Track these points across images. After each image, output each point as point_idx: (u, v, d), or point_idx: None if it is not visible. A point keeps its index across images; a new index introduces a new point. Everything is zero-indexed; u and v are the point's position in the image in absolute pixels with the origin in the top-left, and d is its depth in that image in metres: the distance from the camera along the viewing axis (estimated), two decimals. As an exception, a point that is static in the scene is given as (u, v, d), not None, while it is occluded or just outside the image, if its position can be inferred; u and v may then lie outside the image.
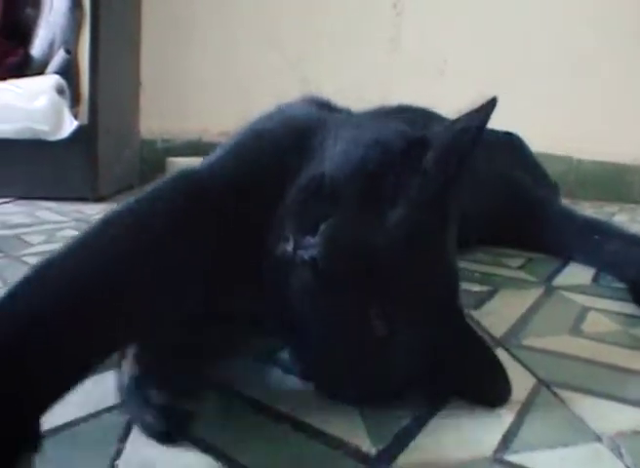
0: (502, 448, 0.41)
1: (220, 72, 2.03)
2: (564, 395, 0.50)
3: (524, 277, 0.92)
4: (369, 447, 0.41)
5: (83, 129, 1.48)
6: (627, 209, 1.94)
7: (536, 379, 0.53)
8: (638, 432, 0.44)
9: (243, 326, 0.55)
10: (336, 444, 0.41)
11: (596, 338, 0.64)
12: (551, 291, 0.83)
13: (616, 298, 0.81)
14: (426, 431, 0.43)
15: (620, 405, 0.49)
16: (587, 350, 0.60)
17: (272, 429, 0.43)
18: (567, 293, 0.82)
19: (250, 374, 0.52)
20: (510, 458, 0.40)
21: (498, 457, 0.40)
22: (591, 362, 0.57)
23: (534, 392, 0.50)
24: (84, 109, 1.52)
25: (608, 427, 0.44)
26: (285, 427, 0.43)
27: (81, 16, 1.51)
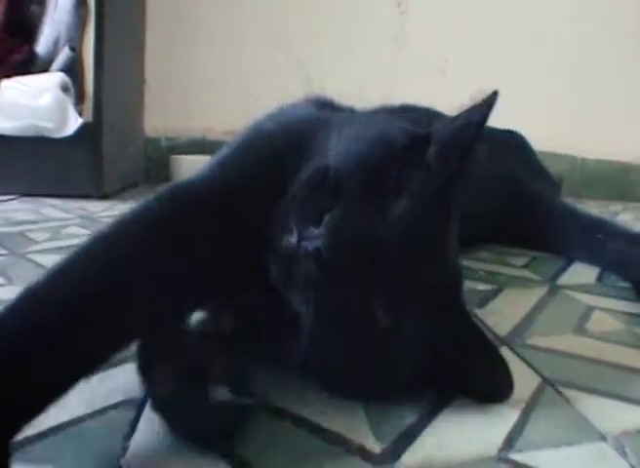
0: (507, 447, 0.41)
1: (225, 70, 2.03)
2: (568, 394, 0.50)
3: (528, 276, 0.92)
4: (373, 444, 0.41)
5: (87, 126, 1.48)
6: (631, 207, 1.94)
7: (540, 378, 0.53)
8: (643, 431, 0.44)
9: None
10: (339, 441, 0.41)
11: (601, 338, 0.64)
12: (556, 290, 0.83)
13: (620, 298, 0.81)
14: (431, 429, 0.43)
15: (625, 404, 0.49)
16: (592, 349, 0.60)
17: (273, 425, 0.43)
18: (571, 292, 0.82)
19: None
20: (515, 457, 0.40)
21: (502, 456, 0.40)
22: (596, 361, 0.57)
23: (538, 391, 0.50)
24: (88, 107, 1.53)
25: (612, 426, 0.44)
26: (286, 423, 0.43)
27: (86, 13, 1.51)
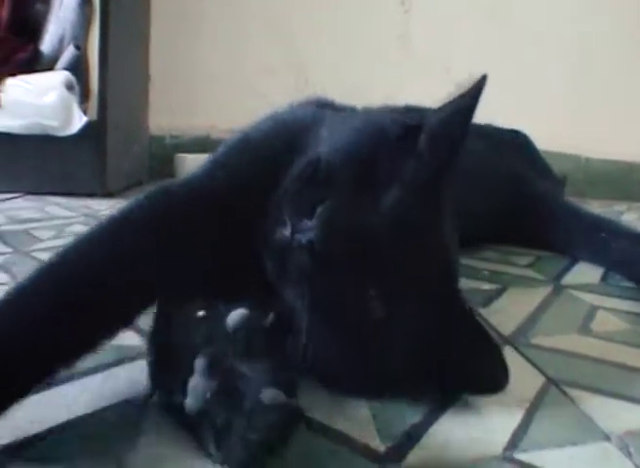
0: (511, 447, 0.41)
1: (230, 66, 2.03)
2: (573, 394, 0.50)
3: (532, 275, 0.92)
4: (378, 444, 0.41)
5: (92, 124, 1.48)
6: (636, 207, 1.93)
7: (545, 378, 0.53)
8: (647, 431, 0.44)
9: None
10: (344, 441, 0.41)
11: (605, 337, 0.64)
12: (560, 289, 0.83)
13: (624, 297, 0.80)
14: (436, 429, 0.43)
15: (629, 404, 0.49)
16: (596, 349, 0.60)
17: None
18: (576, 292, 0.82)
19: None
20: (519, 457, 0.40)
21: (507, 456, 0.40)
22: (600, 361, 0.57)
23: (543, 391, 0.50)
24: (93, 105, 1.53)
25: (617, 426, 0.44)
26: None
27: (91, 11, 1.51)
